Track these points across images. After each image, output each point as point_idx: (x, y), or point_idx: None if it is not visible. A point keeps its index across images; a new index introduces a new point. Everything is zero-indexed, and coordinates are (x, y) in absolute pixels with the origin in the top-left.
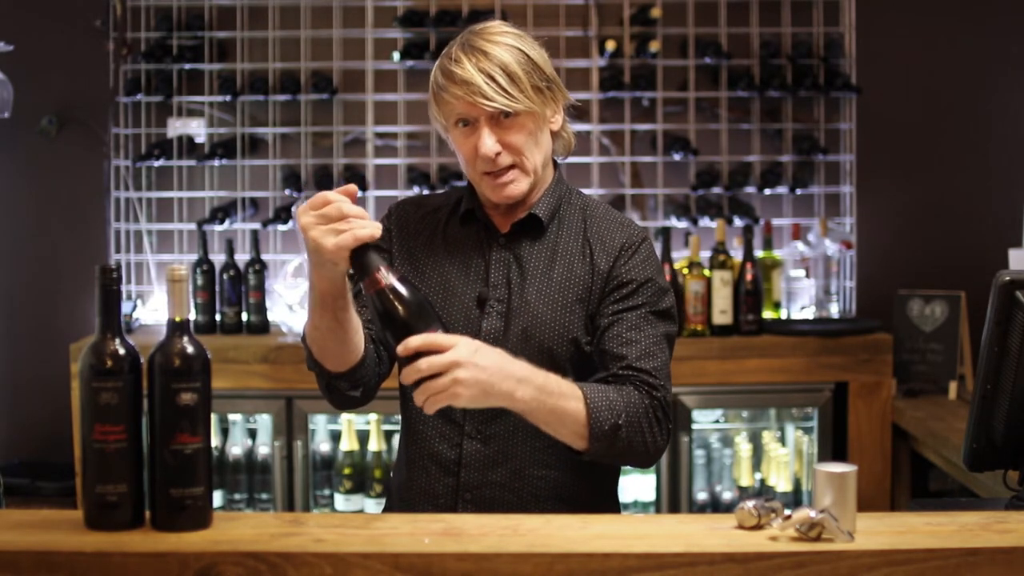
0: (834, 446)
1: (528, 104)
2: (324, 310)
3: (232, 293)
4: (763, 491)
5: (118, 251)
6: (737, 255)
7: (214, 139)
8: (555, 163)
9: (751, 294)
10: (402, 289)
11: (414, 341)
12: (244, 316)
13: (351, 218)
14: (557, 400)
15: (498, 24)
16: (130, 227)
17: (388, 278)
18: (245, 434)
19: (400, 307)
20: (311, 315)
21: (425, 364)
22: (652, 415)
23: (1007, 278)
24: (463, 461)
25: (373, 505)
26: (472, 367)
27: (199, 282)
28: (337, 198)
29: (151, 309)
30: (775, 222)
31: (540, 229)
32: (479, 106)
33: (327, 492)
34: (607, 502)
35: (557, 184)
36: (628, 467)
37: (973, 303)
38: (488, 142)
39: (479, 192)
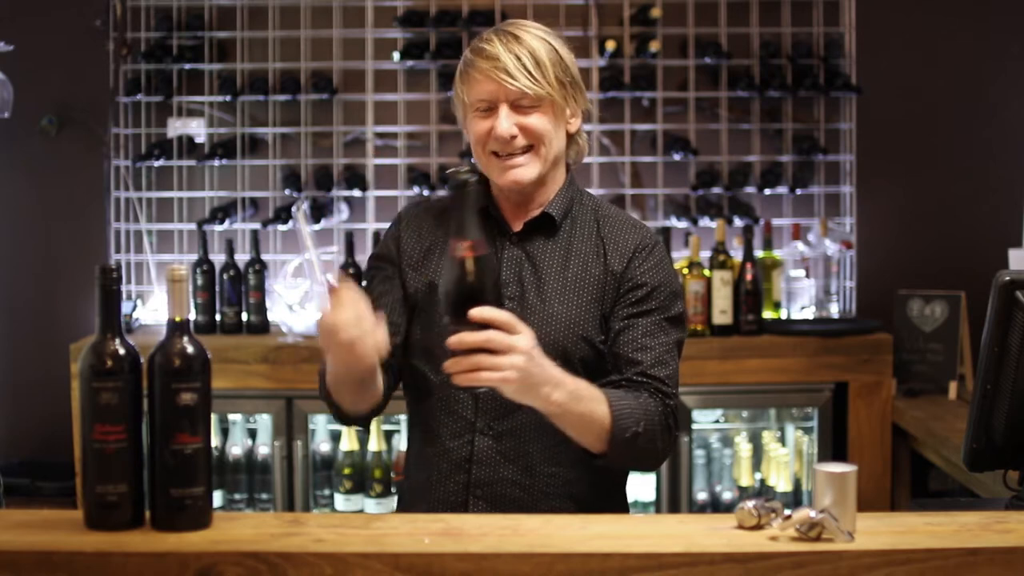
0: (834, 446)
1: (549, 91)
2: (350, 376)
3: (232, 293)
4: (763, 491)
5: (118, 251)
6: (737, 255)
7: (214, 139)
8: (567, 167)
9: (751, 294)
10: (487, 265)
11: (492, 312)
12: (244, 316)
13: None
14: (586, 405)
15: (532, 22)
16: (130, 227)
17: (480, 249)
18: (245, 434)
19: (482, 279)
20: (334, 370)
21: (495, 335)
22: (664, 422)
23: (1007, 278)
24: (474, 458)
25: (373, 505)
26: (530, 359)
27: (199, 282)
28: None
29: (151, 309)
30: (775, 222)
31: (553, 228)
32: (503, 84)
33: (327, 492)
34: (615, 502)
35: (569, 186)
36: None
37: (973, 303)
38: (505, 123)
39: (489, 179)
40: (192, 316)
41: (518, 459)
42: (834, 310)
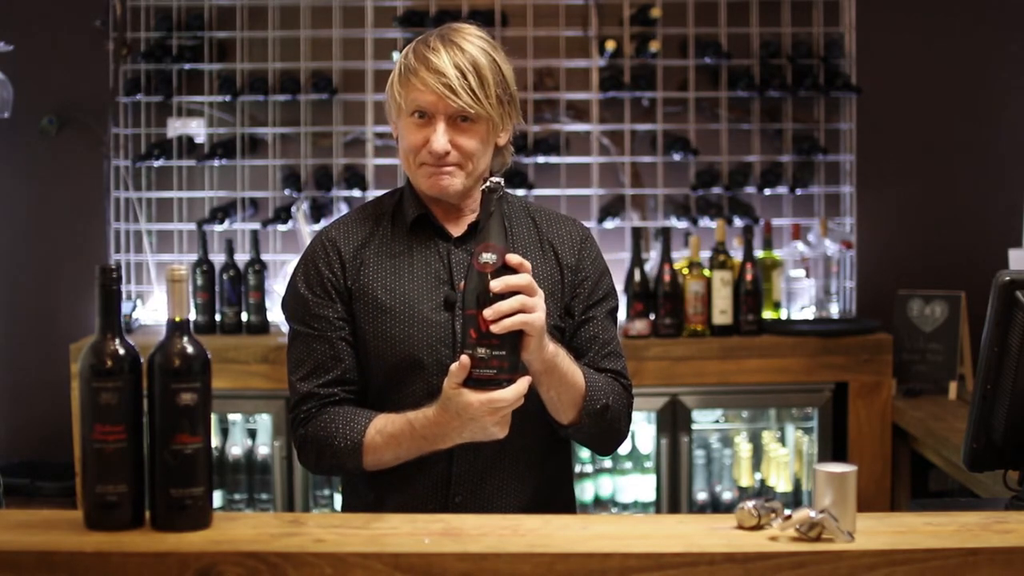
0: (834, 446)
1: (489, 110)
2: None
3: (232, 293)
4: (763, 491)
5: (118, 251)
6: (737, 255)
7: (214, 139)
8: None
9: (751, 294)
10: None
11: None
12: (244, 316)
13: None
14: (569, 364)
15: (474, 28)
16: (130, 227)
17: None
18: (245, 434)
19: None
20: (406, 451)
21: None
22: (628, 408)
23: (1007, 278)
24: (454, 468)
25: None
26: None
27: (199, 282)
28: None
29: (151, 309)
30: (775, 222)
31: None
32: (444, 100)
33: (327, 492)
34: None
35: None
36: (627, 468)
37: (973, 303)
38: (442, 139)
39: (414, 184)
40: (192, 316)
41: (501, 458)
42: (834, 310)
